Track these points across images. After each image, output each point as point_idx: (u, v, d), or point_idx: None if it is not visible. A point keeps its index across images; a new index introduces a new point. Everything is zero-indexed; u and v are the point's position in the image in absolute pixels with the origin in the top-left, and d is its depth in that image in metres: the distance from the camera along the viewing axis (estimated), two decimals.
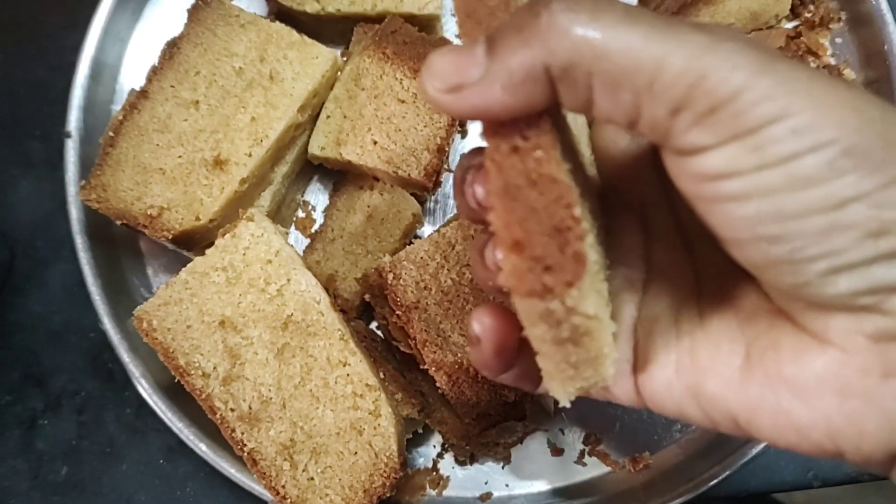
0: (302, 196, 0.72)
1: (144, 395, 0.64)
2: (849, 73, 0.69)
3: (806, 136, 0.27)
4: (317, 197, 0.72)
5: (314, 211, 0.71)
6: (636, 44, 0.28)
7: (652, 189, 0.40)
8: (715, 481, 0.59)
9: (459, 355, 0.57)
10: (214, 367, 0.57)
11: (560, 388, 0.33)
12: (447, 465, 0.66)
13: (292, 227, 0.71)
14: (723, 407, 0.34)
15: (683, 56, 0.27)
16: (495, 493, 0.65)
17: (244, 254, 0.58)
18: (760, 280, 0.33)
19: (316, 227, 0.71)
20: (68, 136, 0.68)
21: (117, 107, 0.70)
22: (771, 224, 0.29)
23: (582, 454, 0.65)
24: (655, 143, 0.31)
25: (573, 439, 0.66)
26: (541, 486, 0.65)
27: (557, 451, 0.65)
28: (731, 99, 0.27)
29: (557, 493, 0.65)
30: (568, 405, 0.34)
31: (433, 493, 0.65)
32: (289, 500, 0.56)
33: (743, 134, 0.28)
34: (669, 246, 0.39)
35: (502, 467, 0.66)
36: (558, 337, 0.30)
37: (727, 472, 0.59)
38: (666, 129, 0.29)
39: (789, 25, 0.71)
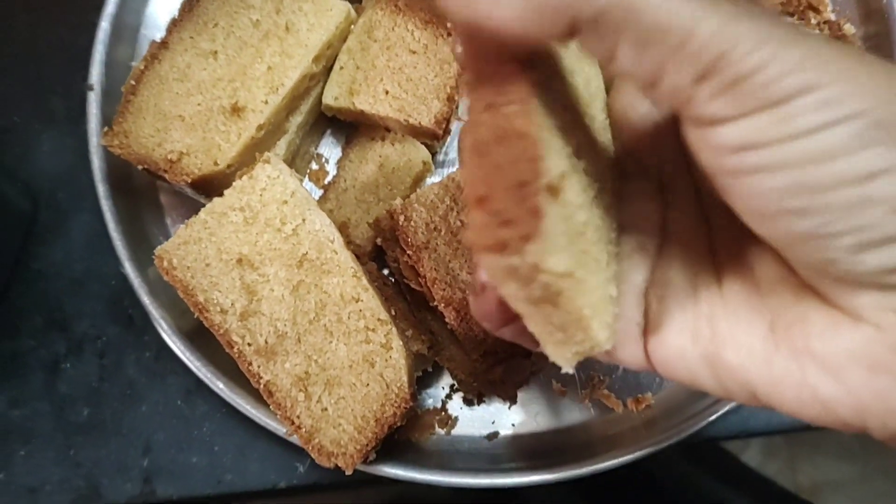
0: (316, 149, 0.74)
1: (164, 336, 0.66)
2: (848, 28, 0.71)
3: (835, 108, 0.27)
4: (330, 150, 0.74)
5: (327, 163, 0.74)
6: (671, 4, 0.27)
7: (671, 157, 0.39)
8: (714, 416, 0.61)
9: (468, 292, 0.59)
10: (232, 304, 0.60)
11: (555, 352, 0.33)
12: (455, 405, 0.68)
13: (306, 179, 0.73)
14: (742, 378, 0.34)
15: (716, 23, 0.27)
16: (502, 433, 0.67)
17: (261, 195, 0.60)
18: (786, 256, 0.32)
19: (329, 178, 0.73)
20: (90, 88, 0.70)
21: (137, 63, 0.72)
22: (798, 196, 0.28)
23: (585, 395, 0.67)
24: (674, 109, 0.30)
25: (577, 380, 0.68)
26: (545, 425, 0.67)
27: (562, 391, 0.67)
28: (760, 69, 0.27)
29: (561, 432, 0.67)
30: (570, 370, 0.33)
31: (442, 432, 0.67)
32: (303, 429, 0.58)
33: (770, 105, 0.27)
34: (687, 214, 0.39)
35: (508, 407, 0.68)
36: (531, 296, 0.30)
37: (726, 409, 0.61)
38: (689, 97, 0.29)
39: None
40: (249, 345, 0.59)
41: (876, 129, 0.27)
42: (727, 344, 0.35)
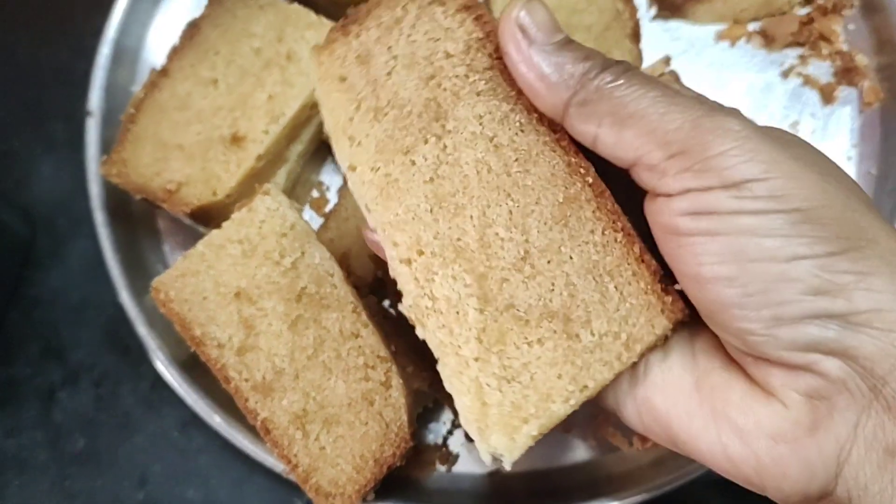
0: (317, 176, 0.73)
1: (160, 367, 0.65)
2: (861, 59, 0.70)
3: (779, 199, 0.32)
4: (331, 178, 0.73)
5: (328, 191, 0.73)
6: (647, 102, 0.35)
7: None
8: None
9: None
10: (229, 338, 0.58)
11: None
12: (457, 441, 0.67)
13: (307, 207, 0.72)
14: (665, 424, 0.38)
15: (687, 116, 0.34)
16: (504, 471, 0.66)
17: (260, 227, 0.59)
18: (714, 325, 0.36)
19: (330, 206, 0.72)
20: (89, 114, 0.70)
21: (137, 88, 0.72)
22: (731, 264, 0.33)
23: (591, 432, 0.66)
24: (646, 184, 0.36)
25: (582, 417, 0.66)
26: (549, 462, 0.66)
27: (567, 428, 0.66)
28: (723, 154, 0.33)
29: (565, 470, 0.65)
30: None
31: (443, 469, 0.66)
32: (300, 468, 0.57)
33: (729, 185, 0.33)
34: None
35: None
36: None
37: None
38: (662, 171, 0.35)
39: (802, 11, 0.72)
40: (246, 380, 0.58)
41: (807, 223, 0.32)
42: (658, 390, 0.38)
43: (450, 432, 0.67)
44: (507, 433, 0.37)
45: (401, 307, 0.39)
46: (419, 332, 0.38)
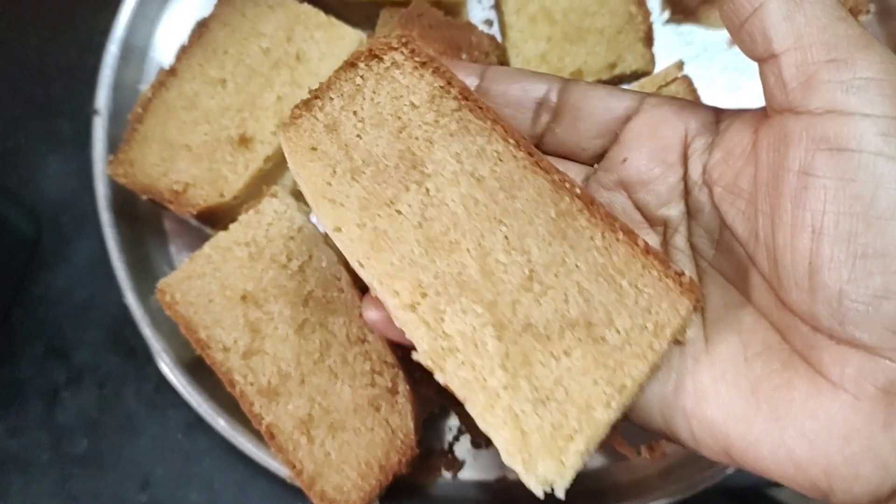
0: None
1: (165, 369, 0.64)
2: None
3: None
4: None
5: None
6: None
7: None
8: (732, 469, 0.59)
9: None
10: (235, 341, 0.58)
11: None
12: (463, 448, 0.66)
13: None
14: (719, 434, 0.35)
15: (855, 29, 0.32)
16: (510, 477, 0.65)
17: (267, 230, 0.59)
18: (797, 300, 0.33)
19: None
20: (96, 113, 0.69)
21: (145, 87, 0.71)
22: (855, 216, 0.30)
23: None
24: (778, 89, 0.34)
25: None
26: None
27: None
28: (878, 81, 0.30)
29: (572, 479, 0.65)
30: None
31: (448, 475, 0.65)
32: (305, 474, 0.56)
33: (879, 116, 0.30)
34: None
35: None
36: None
37: None
38: (813, 74, 0.32)
39: None
40: (252, 384, 0.58)
41: None
42: (711, 401, 0.35)
43: (456, 439, 0.66)
44: (554, 457, 0.35)
45: (415, 356, 0.38)
46: (439, 379, 0.37)
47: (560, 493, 0.34)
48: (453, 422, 0.66)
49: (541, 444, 0.35)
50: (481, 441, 0.65)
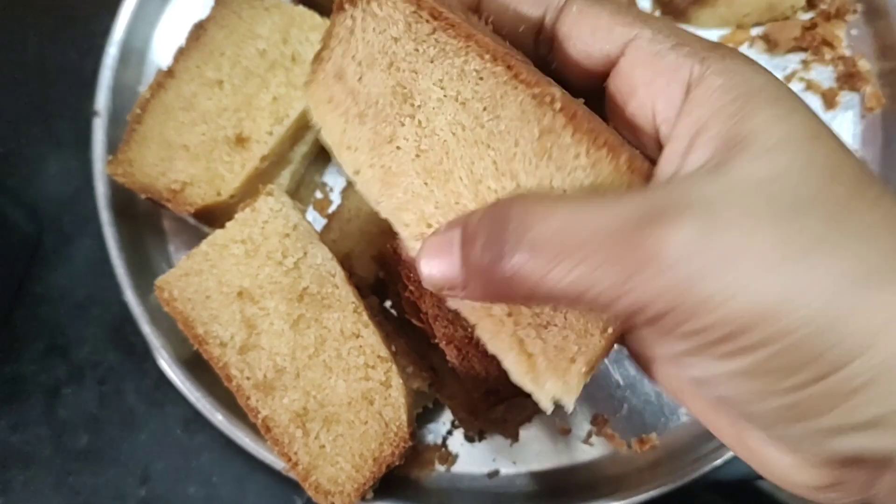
0: (320, 178, 0.74)
1: (164, 365, 0.66)
2: (863, 65, 0.70)
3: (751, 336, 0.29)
4: (335, 179, 0.74)
5: (332, 192, 0.73)
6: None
7: None
8: (720, 461, 0.60)
9: (470, 330, 0.58)
10: (231, 337, 0.59)
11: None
12: (456, 442, 0.67)
13: (310, 208, 0.73)
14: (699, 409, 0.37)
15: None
16: (503, 471, 0.66)
17: (263, 227, 0.60)
18: None
19: (333, 208, 0.72)
20: (96, 114, 0.70)
21: (144, 89, 0.72)
22: (714, 407, 0.35)
23: (589, 434, 0.66)
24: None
25: (581, 419, 0.67)
26: (548, 464, 0.66)
27: (565, 430, 0.66)
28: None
29: (564, 471, 0.66)
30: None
31: (442, 469, 0.66)
32: (300, 466, 0.58)
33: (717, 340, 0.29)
34: None
35: (510, 445, 0.67)
36: None
37: (732, 454, 0.60)
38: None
39: (805, 17, 0.72)
40: (248, 379, 0.59)
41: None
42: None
43: (449, 432, 0.67)
44: (559, 376, 0.37)
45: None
46: (451, 304, 0.39)
47: (568, 408, 0.37)
48: (447, 416, 0.67)
49: (547, 365, 0.37)
50: (474, 435, 0.66)
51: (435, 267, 0.35)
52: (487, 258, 0.32)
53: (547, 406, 0.37)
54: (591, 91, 0.38)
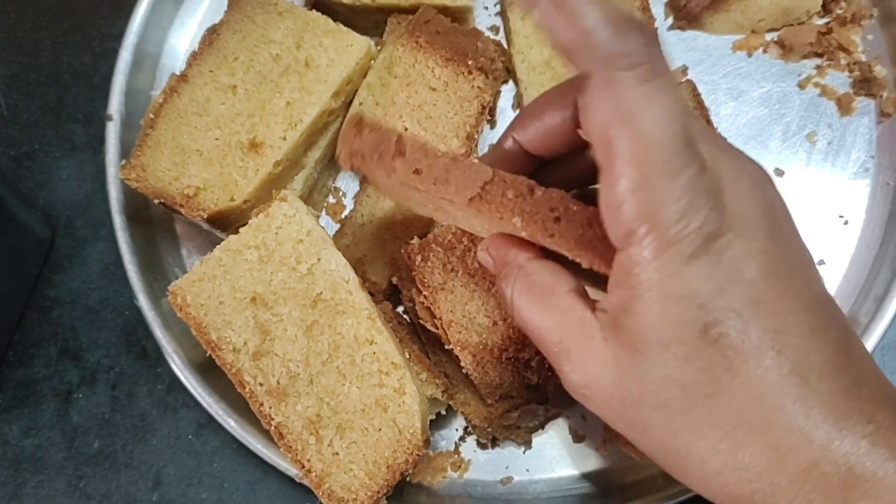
0: (333, 182, 0.74)
1: (176, 370, 0.65)
2: (879, 70, 0.69)
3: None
4: (347, 184, 0.74)
5: (345, 197, 0.73)
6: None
7: None
8: None
9: (484, 336, 0.58)
10: (245, 343, 0.59)
11: None
12: (469, 448, 0.67)
13: (323, 213, 0.73)
14: None
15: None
16: (516, 478, 0.66)
17: (277, 233, 0.60)
18: None
19: (346, 212, 0.72)
20: (110, 119, 0.70)
21: (157, 93, 0.72)
22: None
23: (603, 441, 0.66)
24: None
25: (594, 426, 0.66)
26: (561, 472, 0.66)
27: (579, 437, 0.66)
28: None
29: (577, 479, 0.66)
30: None
31: (454, 475, 0.66)
32: (314, 473, 0.57)
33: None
34: None
35: (523, 452, 0.66)
36: None
37: None
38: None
39: (820, 22, 0.71)
40: (261, 385, 0.59)
41: None
42: None
43: (462, 439, 0.67)
44: None
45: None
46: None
47: None
48: (459, 422, 0.67)
49: None
50: (487, 442, 0.66)
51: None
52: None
53: None
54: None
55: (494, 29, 0.75)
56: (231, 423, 0.64)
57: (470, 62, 0.66)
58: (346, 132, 0.48)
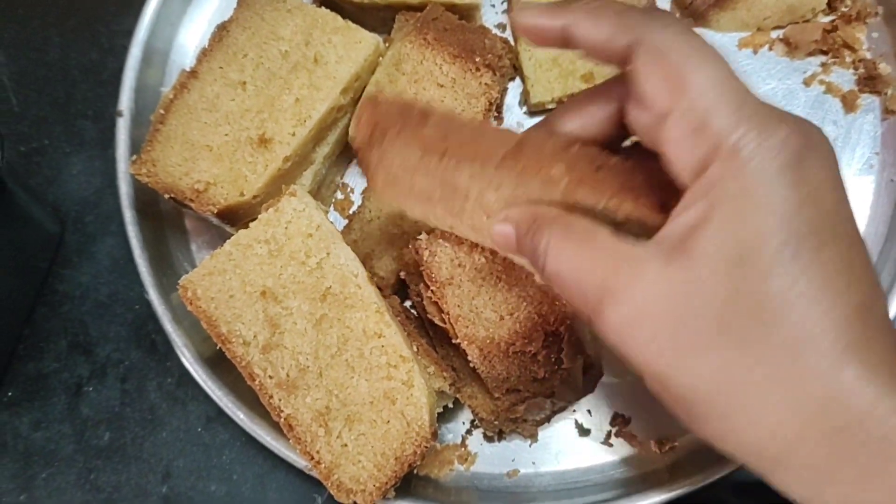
0: (341, 178, 0.74)
1: (186, 364, 0.66)
2: (884, 68, 0.70)
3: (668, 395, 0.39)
4: (355, 179, 0.74)
5: (353, 193, 0.74)
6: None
7: None
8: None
9: (491, 330, 0.59)
10: (255, 336, 0.60)
11: None
12: (476, 441, 0.68)
13: (331, 208, 0.73)
14: None
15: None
16: (522, 471, 0.66)
17: (286, 227, 0.60)
18: None
19: (354, 208, 0.73)
20: (120, 115, 0.71)
21: (167, 89, 0.73)
22: None
23: (608, 435, 0.66)
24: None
25: (600, 420, 0.67)
26: (567, 465, 0.66)
27: (584, 431, 0.67)
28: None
29: (583, 472, 0.66)
30: None
31: (461, 468, 0.67)
32: (322, 465, 0.58)
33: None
34: None
35: (529, 446, 0.67)
36: None
37: None
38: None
39: (826, 19, 0.72)
40: (271, 378, 0.59)
41: None
42: None
43: (469, 432, 0.68)
44: None
45: None
46: None
47: None
48: (466, 415, 0.68)
49: None
50: (494, 435, 0.67)
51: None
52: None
53: None
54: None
55: (501, 26, 0.75)
56: (240, 416, 0.64)
57: (477, 59, 0.66)
58: (362, 107, 0.48)
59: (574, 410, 0.67)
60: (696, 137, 0.36)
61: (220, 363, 0.65)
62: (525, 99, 0.73)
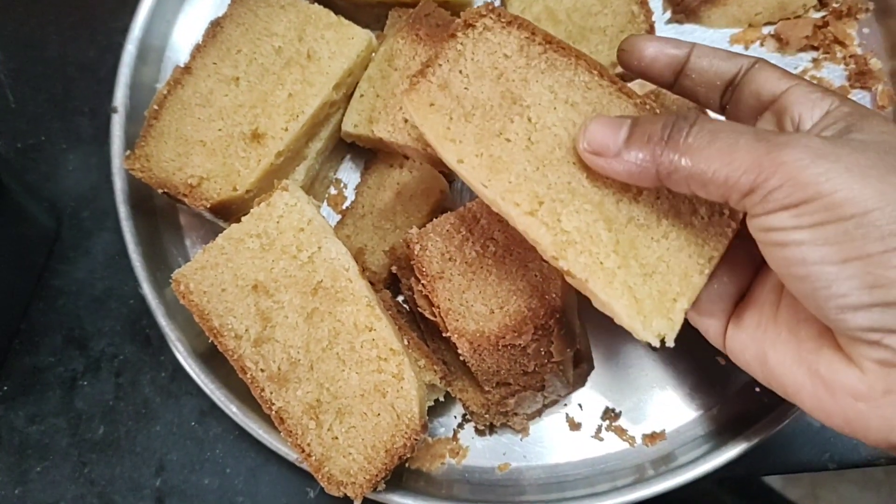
0: (335, 174, 0.75)
1: (179, 358, 0.66)
2: (875, 63, 0.70)
3: (831, 211, 0.39)
4: (349, 175, 0.75)
5: (346, 188, 0.74)
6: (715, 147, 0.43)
7: None
8: (729, 457, 0.60)
9: (481, 323, 0.59)
10: (246, 329, 0.60)
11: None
12: (467, 435, 0.68)
13: (324, 204, 0.74)
14: (777, 377, 0.47)
15: (752, 154, 0.41)
16: (513, 464, 0.67)
17: (278, 222, 0.61)
18: (806, 307, 0.43)
19: (347, 203, 0.73)
20: (115, 111, 0.71)
21: (161, 85, 0.74)
22: (798, 266, 0.41)
23: (599, 429, 0.67)
24: (740, 209, 0.43)
25: (591, 414, 0.67)
26: (557, 458, 0.67)
27: (575, 426, 0.67)
28: (780, 188, 0.40)
29: (574, 466, 0.66)
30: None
31: (453, 462, 0.67)
32: (313, 457, 0.58)
33: (789, 206, 0.40)
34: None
35: (520, 439, 0.67)
36: None
37: (742, 451, 0.60)
38: (746, 207, 0.42)
39: (817, 15, 0.72)
40: (262, 371, 0.60)
41: (861, 227, 0.38)
42: (771, 349, 0.47)
43: (460, 426, 0.68)
44: (664, 314, 0.47)
45: (544, 256, 0.49)
46: (563, 265, 0.48)
47: (670, 343, 0.46)
48: (458, 409, 0.68)
49: (652, 306, 0.47)
50: (485, 429, 0.67)
51: (599, 132, 0.46)
52: (667, 134, 0.44)
53: (654, 342, 0.46)
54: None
55: None
56: (233, 410, 0.65)
57: None
58: None
59: (565, 405, 0.67)
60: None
61: (213, 358, 0.65)
62: None
